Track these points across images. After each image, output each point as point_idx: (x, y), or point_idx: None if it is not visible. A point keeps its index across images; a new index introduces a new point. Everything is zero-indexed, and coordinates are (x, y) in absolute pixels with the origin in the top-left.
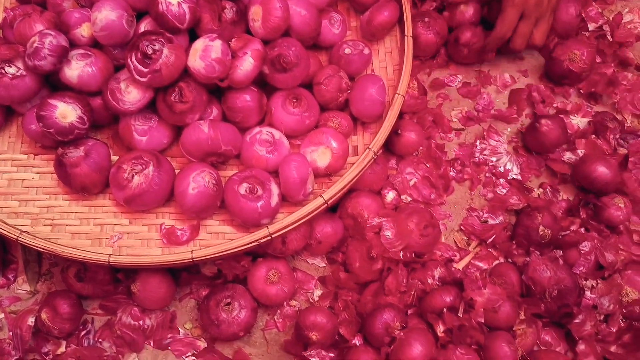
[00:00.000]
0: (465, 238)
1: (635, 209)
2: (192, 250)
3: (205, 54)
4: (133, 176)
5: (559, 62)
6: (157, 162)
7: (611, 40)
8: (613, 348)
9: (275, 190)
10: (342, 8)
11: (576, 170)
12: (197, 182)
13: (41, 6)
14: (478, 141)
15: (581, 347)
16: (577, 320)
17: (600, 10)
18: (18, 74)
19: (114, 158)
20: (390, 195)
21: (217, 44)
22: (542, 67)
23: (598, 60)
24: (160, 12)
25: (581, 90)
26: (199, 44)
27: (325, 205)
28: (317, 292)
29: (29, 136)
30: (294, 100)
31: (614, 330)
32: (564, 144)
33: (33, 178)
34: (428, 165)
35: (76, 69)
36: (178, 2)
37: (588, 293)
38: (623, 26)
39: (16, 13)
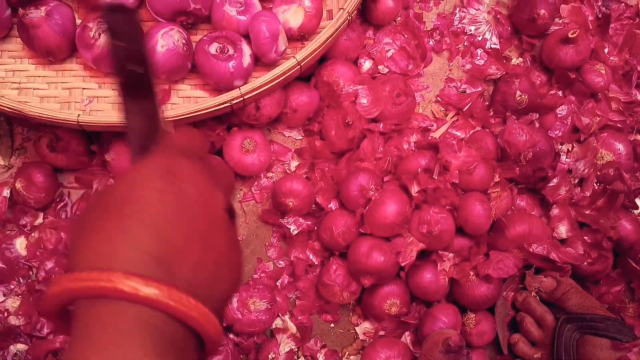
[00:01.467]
0: (443, 109)
1: (615, 77)
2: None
3: None
4: (100, 34)
5: None
6: None
7: None
8: (587, 212)
9: (247, 50)
10: None
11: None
12: (166, 39)
13: None
14: (457, 9)
15: (555, 211)
16: (551, 184)
17: None
18: None
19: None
20: (366, 65)
21: None
22: None
23: None
24: None
25: None
26: None
27: (299, 66)
28: (294, 164)
29: None
30: None
31: (588, 195)
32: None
33: None
34: (406, 36)
35: None
36: None
37: (563, 157)
38: None
39: None
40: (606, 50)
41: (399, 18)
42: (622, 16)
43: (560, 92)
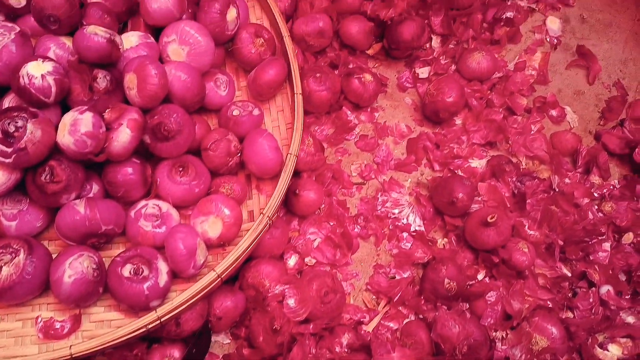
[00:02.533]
0: (374, 297)
1: (538, 252)
2: (70, 346)
3: (74, 128)
4: (1, 267)
5: (423, 105)
6: (29, 248)
7: (504, 88)
8: None
9: (163, 268)
10: (231, 68)
11: (465, 231)
12: (75, 268)
13: None
14: (380, 194)
15: None
16: None
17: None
18: None
19: None
20: (292, 260)
21: (87, 116)
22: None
23: (474, 102)
24: (22, 87)
25: (474, 141)
26: (67, 117)
27: (219, 279)
28: None
29: None
30: (181, 169)
31: None
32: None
33: None
34: (331, 224)
35: None
36: (42, 75)
37: (499, 344)
38: (521, 74)
39: None
40: (526, 226)
41: (323, 205)
42: (537, 191)
43: (487, 278)
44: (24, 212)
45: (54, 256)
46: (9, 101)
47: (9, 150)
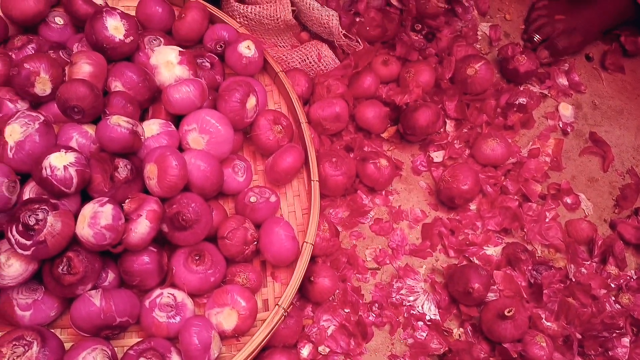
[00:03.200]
0: None
1: (556, 345)
2: None
3: (94, 221)
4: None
5: (438, 191)
6: (42, 340)
7: (518, 174)
8: None
9: None
10: (248, 152)
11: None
12: None
13: None
14: (394, 280)
15: None
16: None
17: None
18: None
19: None
20: (306, 350)
21: (108, 209)
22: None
23: (488, 189)
24: (44, 178)
25: (489, 227)
26: (87, 209)
27: None
28: None
29: None
30: (197, 258)
31: None
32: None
33: None
34: (346, 311)
35: None
36: (64, 166)
37: None
38: (535, 161)
39: None
40: (543, 317)
41: (337, 291)
42: (553, 281)
43: None
44: (39, 301)
45: (66, 346)
46: (29, 189)
47: (29, 243)
